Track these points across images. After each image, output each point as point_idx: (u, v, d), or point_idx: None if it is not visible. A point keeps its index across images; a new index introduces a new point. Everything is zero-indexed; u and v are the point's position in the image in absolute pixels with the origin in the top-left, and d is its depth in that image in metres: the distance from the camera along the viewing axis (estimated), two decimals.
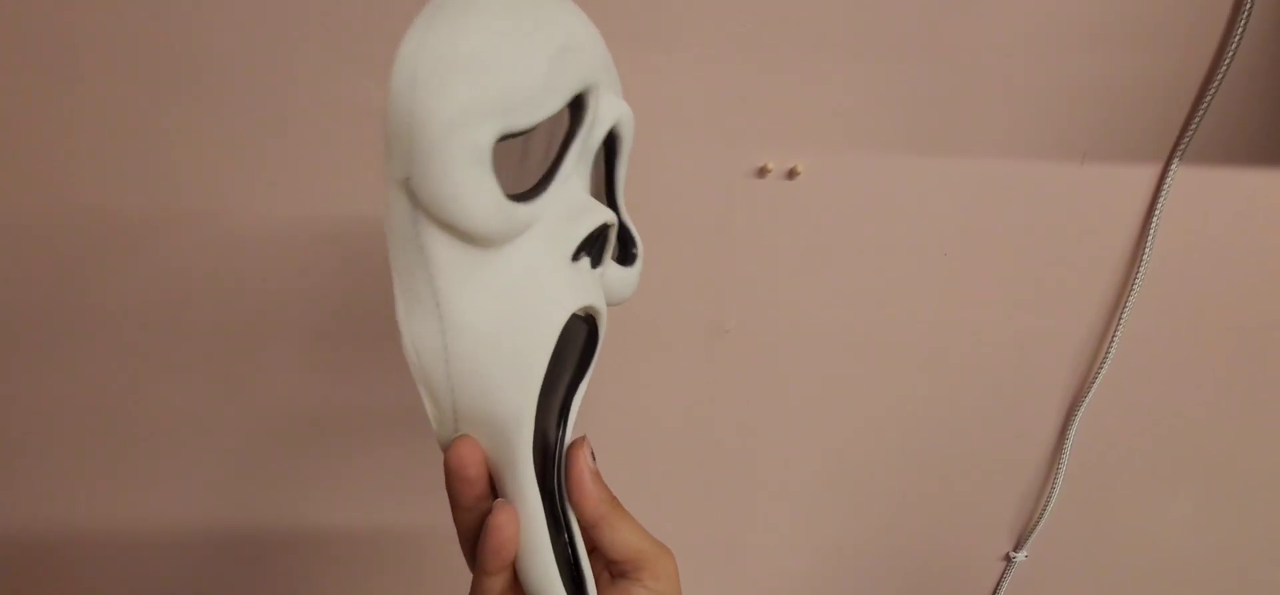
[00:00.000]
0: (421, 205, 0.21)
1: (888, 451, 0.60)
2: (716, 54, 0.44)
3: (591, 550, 0.28)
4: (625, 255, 0.29)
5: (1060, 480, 0.61)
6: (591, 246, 0.26)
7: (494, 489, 0.26)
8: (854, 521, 0.63)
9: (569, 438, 0.27)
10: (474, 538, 0.25)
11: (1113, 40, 0.45)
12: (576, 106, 0.24)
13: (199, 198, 0.46)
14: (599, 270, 0.27)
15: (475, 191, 0.21)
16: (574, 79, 0.23)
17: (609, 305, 0.28)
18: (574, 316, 0.25)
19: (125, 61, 0.42)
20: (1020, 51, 0.45)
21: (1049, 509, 0.62)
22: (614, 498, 0.27)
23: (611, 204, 0.28)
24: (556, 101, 0.22)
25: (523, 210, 0.23)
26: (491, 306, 0.23)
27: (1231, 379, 0.58)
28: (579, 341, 0.27)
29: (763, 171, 0.47)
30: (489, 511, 0.25)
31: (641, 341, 0.53)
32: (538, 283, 0.23)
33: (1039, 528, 0.63)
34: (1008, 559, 0.66)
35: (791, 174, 0.48)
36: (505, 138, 0.21)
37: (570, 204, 0.25)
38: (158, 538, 0.58)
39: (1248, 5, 0.44)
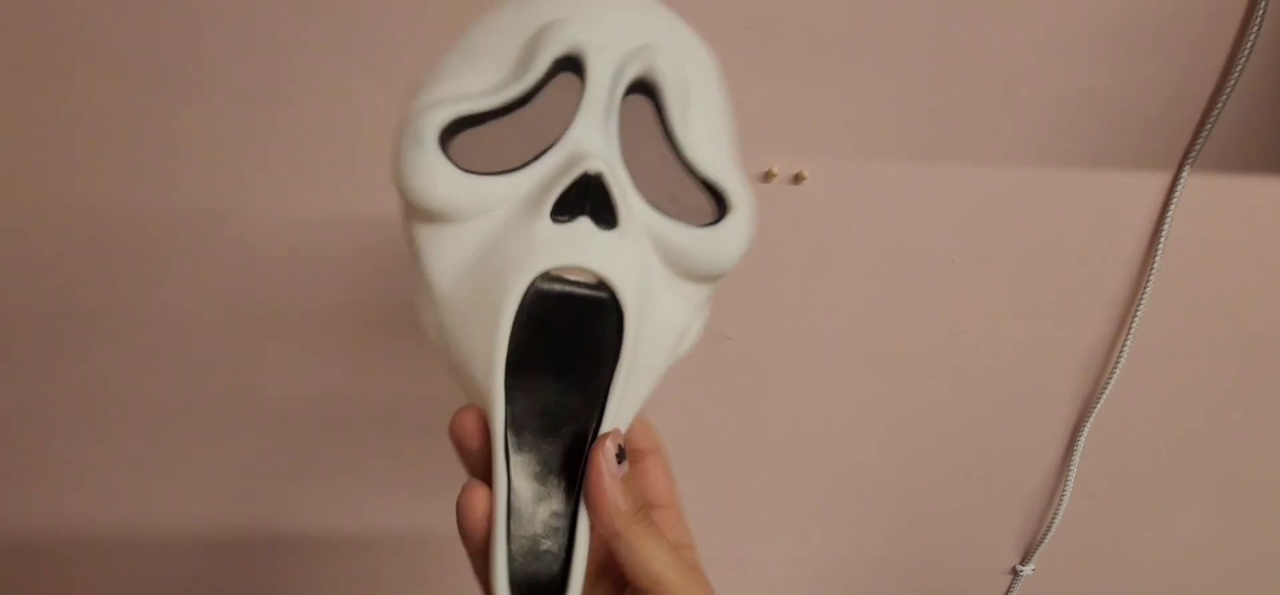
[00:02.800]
0: (399, 194, 0.24)
1: (893, 462, 0.59)
2: (723, 58, 0.44)
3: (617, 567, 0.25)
4: (719, 217, 0.25)
5: (1068, 493, 0.60)
6: (581, 202, 0.23)
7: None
8: (858, 533, 0.63)
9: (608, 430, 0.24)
10: None
11: (1123, 47, 0.45)
12: (581, 69, 0.24)
13: (207, 196, 0.45)
14: (616, 232, 0.23)
15: (417, 169, 0.23)
16: (552, 50, 0.23)
17: (700, 275, 0.26)
18: (583, 290, 0.23)
19: (130, 59, 0.41)
20: (1030, 58, 0.45)
21: (1056, 522, 0.61)
22: (641, 510, 0.24)
23: (679, 159, 0.25)
24: (533, 77, 0.23)
25: (493, 183, 0.23)
26: (466, 278, 0.24)
27: (1242, 390, 0.57)
28: (591, 320, 0.23)
29: (768, 176, 0.47)
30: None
31: None
32: (502, 249, 0.23)
33: (1046, 541, 0.62)
34: (1014, 572, 0.65)
35: (797, 179, 0.47)
36: (465, 121, 0.23)
37: (565, 158, 0.24)
38: (165, 538, 0.57)
39: (1260, 12, 0.43)
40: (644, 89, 0.24)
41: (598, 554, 0.27)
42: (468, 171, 0.23)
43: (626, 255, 0.23)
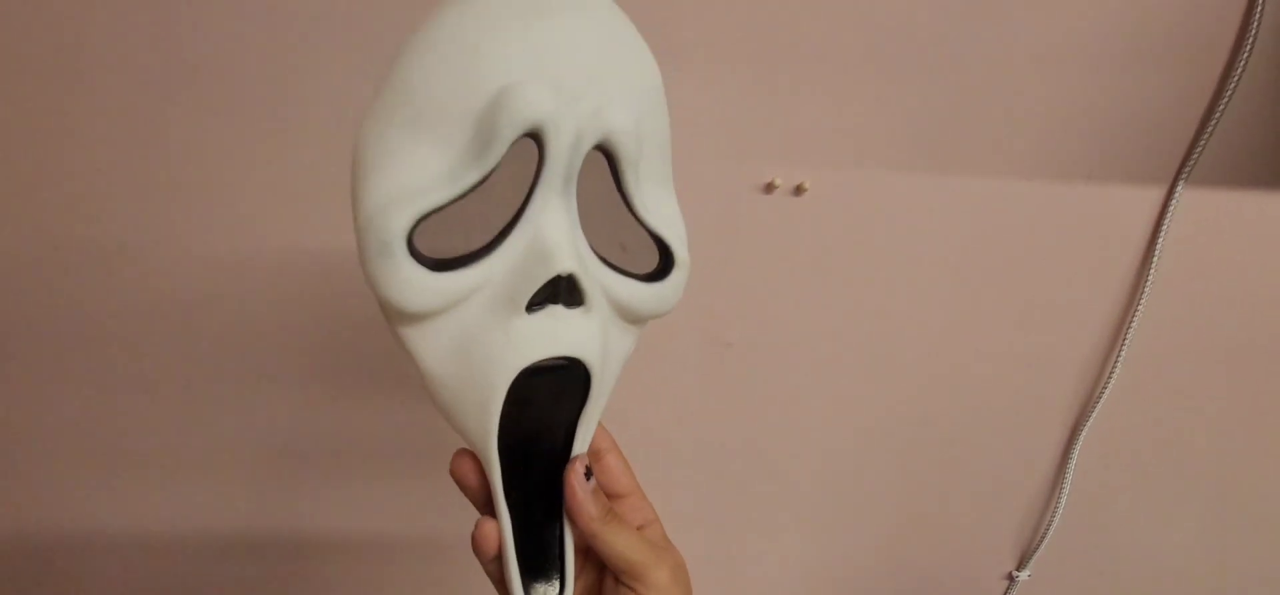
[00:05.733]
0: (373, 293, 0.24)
1: (891, 468, 0.60)
2: (726, 70, 0.45)
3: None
4: (663, 267, 0.28)
5: (1064, 499, 0.60)
6: (554, 295, 0.25)
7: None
8: (856, 539, 0.63)
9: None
10: None
11: (1119, 62, 0.45)
12: (540, 142, 0.23)
13: (201, 212, 0.46)
14: (581, 309, 0.26)
15: (392, 280, 0.23)
16: (512, 130, 0.22)
17: (643, 320, 0.29)
18: (548, 366, 0.25)
19: (125, 73, 0.42)
20: (1027, 72, 0.45)
21: (1052, 528, 0.62)
22: (608, 513, 0.29)
23: (632, 213, 0.26)
24: (492, 159, 0.23)
25: (463, 275, 0.24)
26: (450, 364, 0.25)
27: (1235, 400, 0.58)
28: (563, 385, 0.27)
29: (770, 187, 0.48)
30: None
31: (643, 354, 0.53)
32: (482, 343, 0.25)
33: (1042, 547, 0.63)
34: (1011, 578, 0.66)
35: (798, 190, 0.48)
36: (426, 217, 0.23)
37: (533, 250, 0.24)
38: (159, 549, 0.57)
39: (1254, 29, 0.44)
40: (601, 150, 0.25)
41: (579, 546, 0.31)
42: (436, 268, 0.23)
43: (593, 329, 0.26)
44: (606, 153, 0.25)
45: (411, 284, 0.23)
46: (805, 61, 0.45)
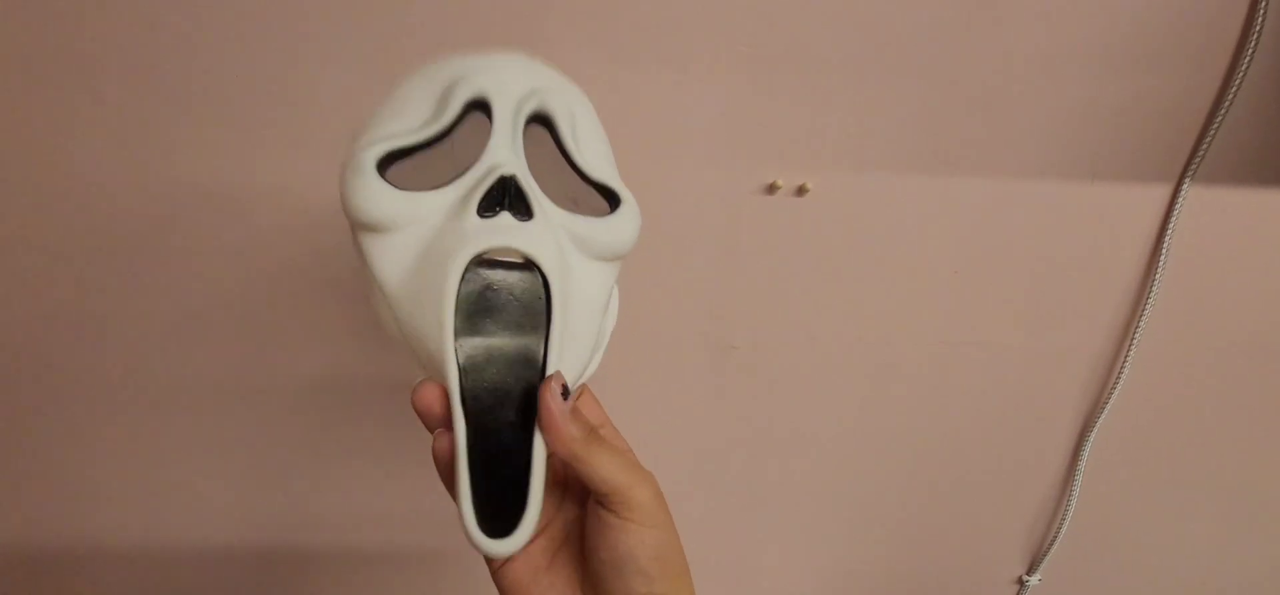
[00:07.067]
0: (346, 215, 0.28)
1: (898, 472, 0.59)
2: (728, 72, 0.45)
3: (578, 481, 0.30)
4: (612, 209, 0.31)
5: (1073, 502, 0.60)
6: (502, 200, 0.28)
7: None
8: (864, 543, 0.63)
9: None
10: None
11: (1124, 61, 0.45)
12: (488, 110, 0.29)
13: (205, 183, 0.45)
14: (532, 222, 0.28)
15: (359, 191, 0.27)
16: (462, 98, 0.29)
17: (603, 255, 0.31)
18: (510, 266, 0.28)
19: (127, 54, 0.42)
20: (1031, 71, 0.45)
21: (1062, 532, 0.61)
22: (590, 434, 0.28)
23: (576, 171, 0.31)
24: (449, 116, 0.29)
25: (424, 196, 0.28)
26: (412, 274, 0.28)
27: (1246, 399, 0.57)
28: (525, 289, 0.28)
29: (772, 189, 0.47)
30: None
31: (648, 357, 0.53)
32: (438, 245, 0.28)
33: (1052, 551, 0.62)
34: (1020, 583, 0.65)
35: (800, 191, 0.48)
36: (396, 154, 0.28)
37: (483, 167, 0.29)
38: (172, 550, 0.58)
39: (1258, 26, 0.44)
40: (540, 121, 0.30)
41: (558, 475, 0.32)
42: (401, 189, 0.28)
43: (544, 238, 0.28)
44: (545, 120, 0.30)
45: (374, 194, 0.27)
46: (807, 62, 0.45)
